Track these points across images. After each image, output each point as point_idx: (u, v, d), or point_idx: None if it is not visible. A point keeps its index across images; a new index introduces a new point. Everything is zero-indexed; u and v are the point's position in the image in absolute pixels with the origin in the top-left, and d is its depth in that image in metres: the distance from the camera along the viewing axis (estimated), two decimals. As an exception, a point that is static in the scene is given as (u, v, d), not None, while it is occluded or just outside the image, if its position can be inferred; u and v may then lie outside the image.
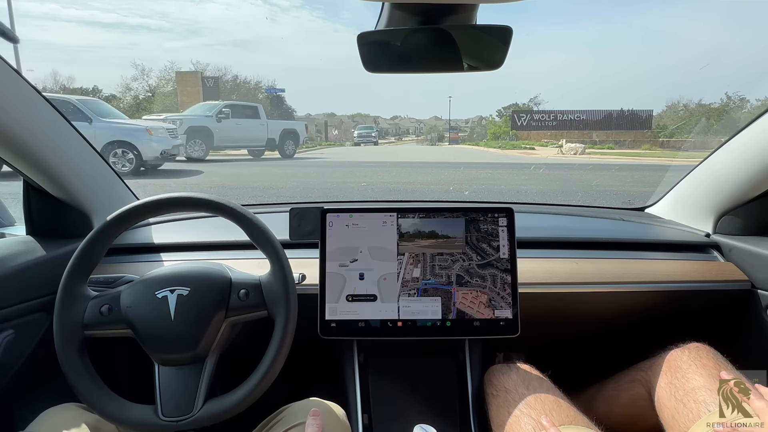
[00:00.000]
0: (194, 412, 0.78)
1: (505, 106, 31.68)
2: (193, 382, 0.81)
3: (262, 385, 0.81)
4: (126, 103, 25.06)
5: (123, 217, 0.87)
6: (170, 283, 0.84)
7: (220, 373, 0.87)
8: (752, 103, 19.34)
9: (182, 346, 0.81)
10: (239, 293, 0.85)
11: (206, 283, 0.85)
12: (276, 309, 0.84)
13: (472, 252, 1.02)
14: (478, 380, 1.06)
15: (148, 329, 0.81)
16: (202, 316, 0.82)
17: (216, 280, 0.86)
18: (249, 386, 0.80)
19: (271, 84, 31.80)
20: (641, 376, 1.01)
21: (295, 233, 1.04)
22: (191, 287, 0.84)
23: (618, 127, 23.81)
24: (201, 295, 0.83)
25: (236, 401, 0.79)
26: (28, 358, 0.99)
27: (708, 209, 1.26)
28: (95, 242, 0.86)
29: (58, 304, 0.81)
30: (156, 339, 0.81)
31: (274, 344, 0.82)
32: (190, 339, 0.81)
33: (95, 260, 0.86)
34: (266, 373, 0.81)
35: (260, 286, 0.85)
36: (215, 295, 0.84)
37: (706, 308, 1.19)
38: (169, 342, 0.81)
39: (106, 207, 1.15)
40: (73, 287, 0.83)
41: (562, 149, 17.32)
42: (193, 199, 0.87)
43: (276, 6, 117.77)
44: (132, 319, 0.81)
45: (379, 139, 32.81)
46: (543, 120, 25.27)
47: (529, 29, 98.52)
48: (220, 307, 0.83)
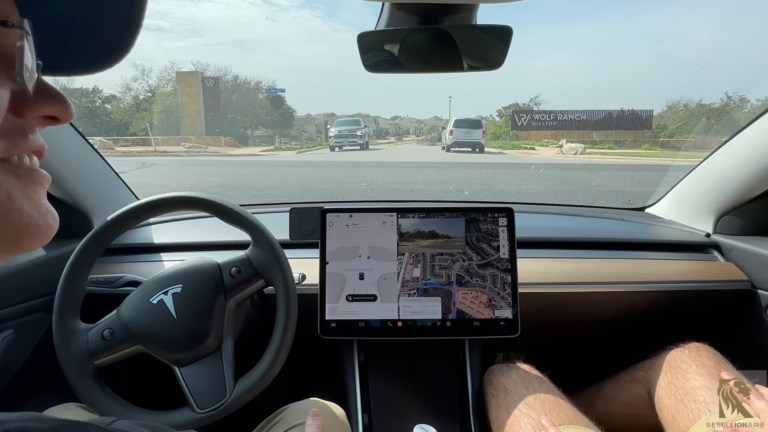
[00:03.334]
0: (228, 396, 0.79)
1: (505, 106, 31.66)
2: (217, 370, 0.82)
3: (284, 348, 0.82)
4: (126, 103, 25.08)
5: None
6: (162, 286, 0.84)
7: (241, 359, 0.88)
8: (752, 103, 19.34)
9: (194, 341, 0.82)
10: (230, 272, 0.86)
11: (197, 274, 0.86)
12: (272, 274, 0.85)
13: (472, 252, 1.02)
14: (478, 380, 1.06)
15: (155, 336, 0.81)
16: (203, 307, 0.83)
17: (205, 269, 0.86)
18: (272, 352, 0.82)
19: (272, 84, 31.77)
20: (641, 376, 1.01)
21: (295, 233, 1.04)
22: (183, 283, 0.84)
23: (618, 127, 23.77)
24: (195, 286, 0.84)
25: (264, 369, 0.81)
26: (28, 358, 1.00)
27: (708, 209, 1.25)
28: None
29: (58, 340, 0.81)
30: (166, 342, 0.81)
31: (282, 304, 0.84)
32: (199, 332, 0.82)
33: (85, 276, 0.87)
34: (284, 335, 0.82)
35: (248, 259, 0.87)
36: (208, 282, 0.85)
37: (706, 308, 1.19)
38: (179, 341, 0.81)
39: (106, 207, 1.15)
40: (67, 323, 0.83)
41: (562, 149, 17.30)
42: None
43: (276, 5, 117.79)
44: (137, 332, 0.82)
45: (371, 139, 23.30)
46: (543, 120, 25.22)
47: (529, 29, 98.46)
48: (217, 292, 0.84)
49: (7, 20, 0.28)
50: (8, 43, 0.28)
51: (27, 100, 0.29)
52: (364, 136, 18.50)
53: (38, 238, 0.31)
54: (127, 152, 15.07)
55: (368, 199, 3.96)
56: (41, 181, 0.32)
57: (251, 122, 28.81)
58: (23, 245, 0.30)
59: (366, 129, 19.68)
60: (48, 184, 0.32)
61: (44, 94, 0.30)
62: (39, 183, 0.31)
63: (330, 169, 10.60)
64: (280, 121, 27.86)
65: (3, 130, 0.28)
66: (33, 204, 0.30)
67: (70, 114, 0.32)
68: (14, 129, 0.29)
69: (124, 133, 21.56)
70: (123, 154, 14.44)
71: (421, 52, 0.85)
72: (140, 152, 15.21)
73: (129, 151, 15.39)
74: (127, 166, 8.70)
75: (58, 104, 0.31)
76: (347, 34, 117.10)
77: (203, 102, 23.14)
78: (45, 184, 0.32)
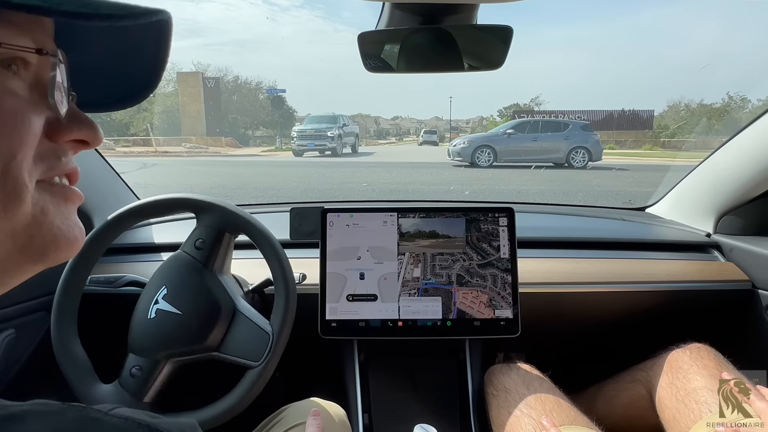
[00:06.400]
0: (272, 337, 0.81)
1: (506, 106, 31.71)
2: (248, 325, 0.83)
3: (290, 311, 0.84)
4: (127, 103, 25.00)
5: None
6: (149, 300, 0.83)
7: None
8: (754, 103, 19.33)
9: (211, 317, 0.82)
10: (195, 245, 0.87)
11: (170, 268, 0.86)
12: (236, 226, 0.87)
13: (473, 252, 1.02)
14: (479, 380, 1.06)
15: (175, 339, 0.81)
16: (195, 288, 0.83)
17: (174, 259, 0.87)
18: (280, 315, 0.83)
19: (272, 84, 31.84)
20: (642, 377, 1.00)
21: (296, 233, 1.04)
22: (164, 283, 0.84)
23: (619, 127, 23.75)
24: (175, 278, 0.84)
25: (279, 324, 0.82)
26: (29, 358, 1.00)
27: (708, 209, 1.25)
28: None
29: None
30: (188, 337, 0.81)
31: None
32: (210, 309, 0.82)
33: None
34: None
35: (203, 226, 0.87)
36: (183, 267, 0.85)
37: (706, 308, 1.19)
38: (199, 327, 0.81)
39: (106, 207, 1.15)
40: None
41: (563, 149, 17.26)
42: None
43: (276, 5, 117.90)
44: (158, 348, 0.81)
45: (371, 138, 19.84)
46: (544, 120, 25.25)
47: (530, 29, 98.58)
48: (197, 269, 0.85)
49: (43, 48, 0.31)
50: (44, 74, 0.31)
51: (60, 125, 0.32)
52: (336, 138, 14.19)
53: (65, 250, 0.33)
54: (128, 152, 15.08)
55: (369, 199, 3.96)
56: (73, 199, 0.34)
57: (252, 122, 28.85)
58: (50, 256, 0.32)
59: (344, 129, 14.98)
60: (80, 202, 0.35)
61: (75, 119, 0.33)
62: (71, 200, 0.34)
63: (331, 169, 10.60)
64: (280, 121, 27.82)
65: (39, 154, 0.30)
66: (63, 218, 0.33)
67: (99, 138, 0.34)
68: (49, 153, 0.32)
69: (125, 134, 21.55)
70: (124, 154, 14.45)
71: (422, 51, 0.85)
72: (141, 152, 15.23)
73: (130, 152, 15.39)
74: (128, 167, 8.71)
75: (87, 129, 0.33)
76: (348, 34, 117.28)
77: (204, 102, 23.17)
78: (77, 201, 0.34)
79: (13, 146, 0.28)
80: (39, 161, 0.30)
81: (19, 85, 0.30)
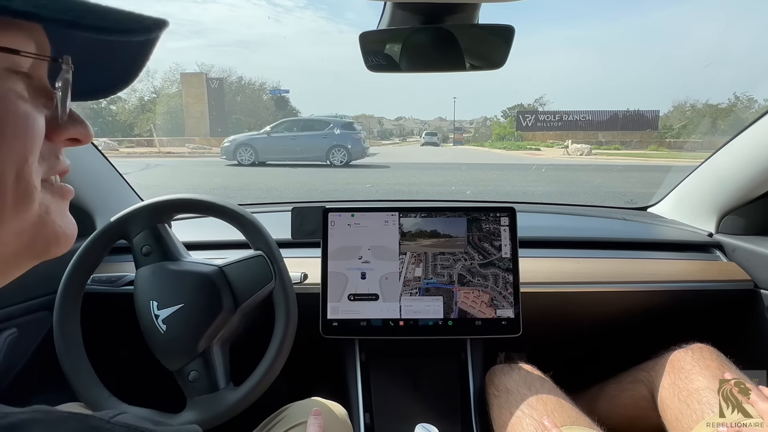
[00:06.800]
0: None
1: (510, 107, 31.70)
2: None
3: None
4: (131, 104, 25.21)
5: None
6: (150, 323, 0.83)
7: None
8: (760, 103, 19.21)
9: (206, 283, 0.83)
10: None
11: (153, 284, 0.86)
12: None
13: (474, 251, 1.02)
14: (480, 380, 1.06)
15: (200, 324, 0.82)
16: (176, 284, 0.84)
17: None
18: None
19: (276, 85, 31.91)
20: (644, 377, 1.00)
21: (297, 232, 1.04)
22: (149, 298, 0.84)
23: (624, 127, 23.69)
24: (156, 288, 0.85)
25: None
26: (31, 357, 1.00)
27: (711, 209, 1.25)
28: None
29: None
30: (203, 312, 0.82)
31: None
32: (214, 303, 0.83)
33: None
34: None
35: None
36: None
37: (708, 308, 1.19)
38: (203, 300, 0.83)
39: (109, 208, 1.15)
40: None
41: (567, 150, 17.27)
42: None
43: (280, 6, 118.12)
44: (200, 344, 0.82)
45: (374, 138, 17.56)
46: (548, 120, 25.17)
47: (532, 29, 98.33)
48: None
49: (54, 55, 0.32)
50: (45, 76, 0.32)
51: (57, 125, 0.33)
52: None
53: (63, 246, 0.34)
54: (131, 153, 15.12)
55: (370, 199, 3.96)
56: (67, 195, 0.35)
57: (255, 123, 28.84)
58: (51, 251, 0.34)
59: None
60: (72, 197, 0.36)
61: (70, 119, 0.34)
62: (65, 197, 0.35)
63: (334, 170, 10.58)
64: (284, 122, 27.91)
65: (42, 155, 0.32)
66: (62, 215, 0.34)
67: (90, 136, 0.35)
68: (49, 153, 0.33)
69: (129, 134, 21.67)
70: (127, 155, 14.46)
71: (423, 51, 0.85)
72: (144, 153, 15.26)
73: (133, 152, 15.43)
74: (131, 167, 8.72)
75: (80, 127, 0.34)
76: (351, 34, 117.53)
77: (207, 103, 23.23)
78: (69, 197, 0.36)
79: (26, 150, 0.29)
80: (42, 162, 0.32)
81: (27, 89, 0.31)
